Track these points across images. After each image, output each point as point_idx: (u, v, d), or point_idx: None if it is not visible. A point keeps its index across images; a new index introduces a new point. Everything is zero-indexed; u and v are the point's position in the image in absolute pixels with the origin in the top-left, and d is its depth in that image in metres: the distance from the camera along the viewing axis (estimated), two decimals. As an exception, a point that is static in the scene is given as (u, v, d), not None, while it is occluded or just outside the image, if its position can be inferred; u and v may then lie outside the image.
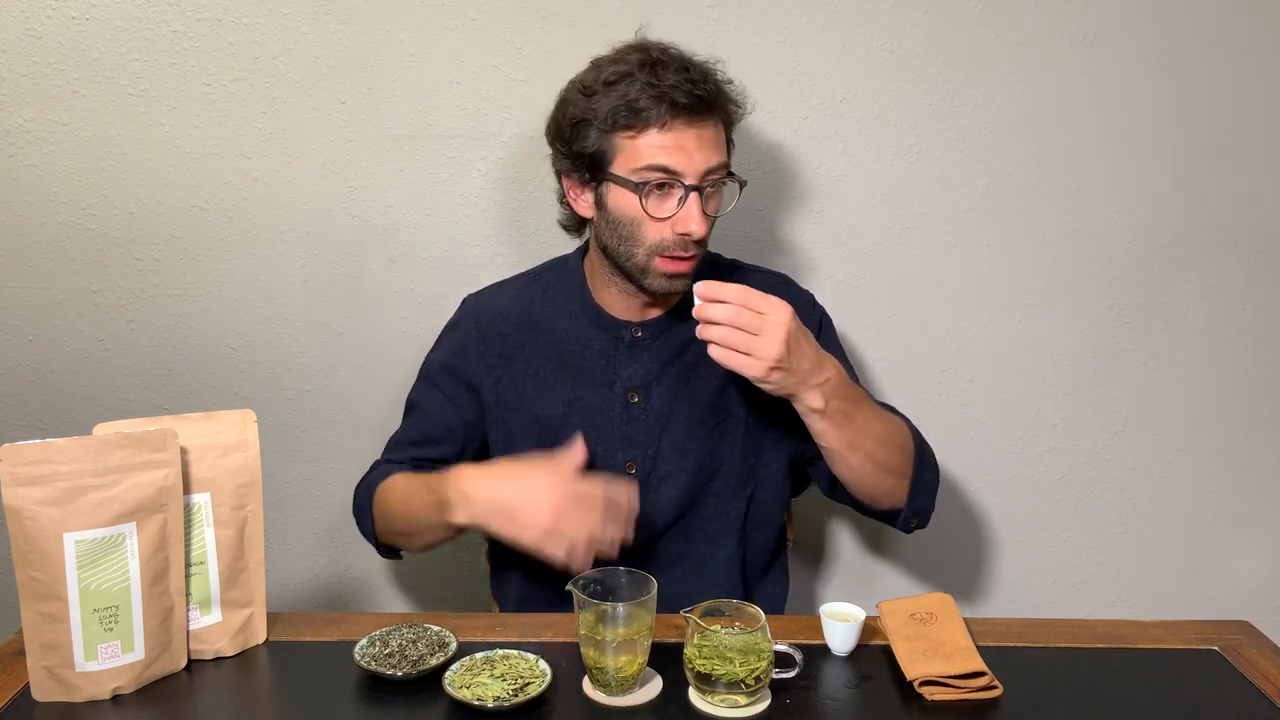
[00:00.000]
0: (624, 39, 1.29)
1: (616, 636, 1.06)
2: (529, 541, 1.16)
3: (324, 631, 1.23)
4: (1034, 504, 1.82)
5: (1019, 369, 1.76)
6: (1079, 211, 1.69)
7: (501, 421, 1.40)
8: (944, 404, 1.76)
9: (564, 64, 1.34)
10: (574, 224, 1.39)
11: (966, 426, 1.77)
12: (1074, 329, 1.74)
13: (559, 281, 1.41)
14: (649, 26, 1.36)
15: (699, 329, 1.17)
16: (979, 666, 1.11)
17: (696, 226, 1.22)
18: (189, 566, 1.15)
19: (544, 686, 1.07)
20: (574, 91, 1.28)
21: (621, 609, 1.07)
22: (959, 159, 1.66)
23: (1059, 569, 1.85)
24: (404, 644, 1.14)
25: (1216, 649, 1.21)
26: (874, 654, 1.18)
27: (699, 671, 1.06)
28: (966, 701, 1.09)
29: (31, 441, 1.05)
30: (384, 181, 1.65)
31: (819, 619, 1.19)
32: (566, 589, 1.10)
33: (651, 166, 1.22)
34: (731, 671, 1.04)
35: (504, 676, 1.09)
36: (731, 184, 1.29)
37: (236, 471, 1.18)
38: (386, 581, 1.83)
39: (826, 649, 1.18)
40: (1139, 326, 1.75)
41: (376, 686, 1.11)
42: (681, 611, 1.10)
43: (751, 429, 1.38)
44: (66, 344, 1.70)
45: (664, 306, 1.36)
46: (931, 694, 1.09)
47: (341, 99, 1.61)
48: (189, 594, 1.15)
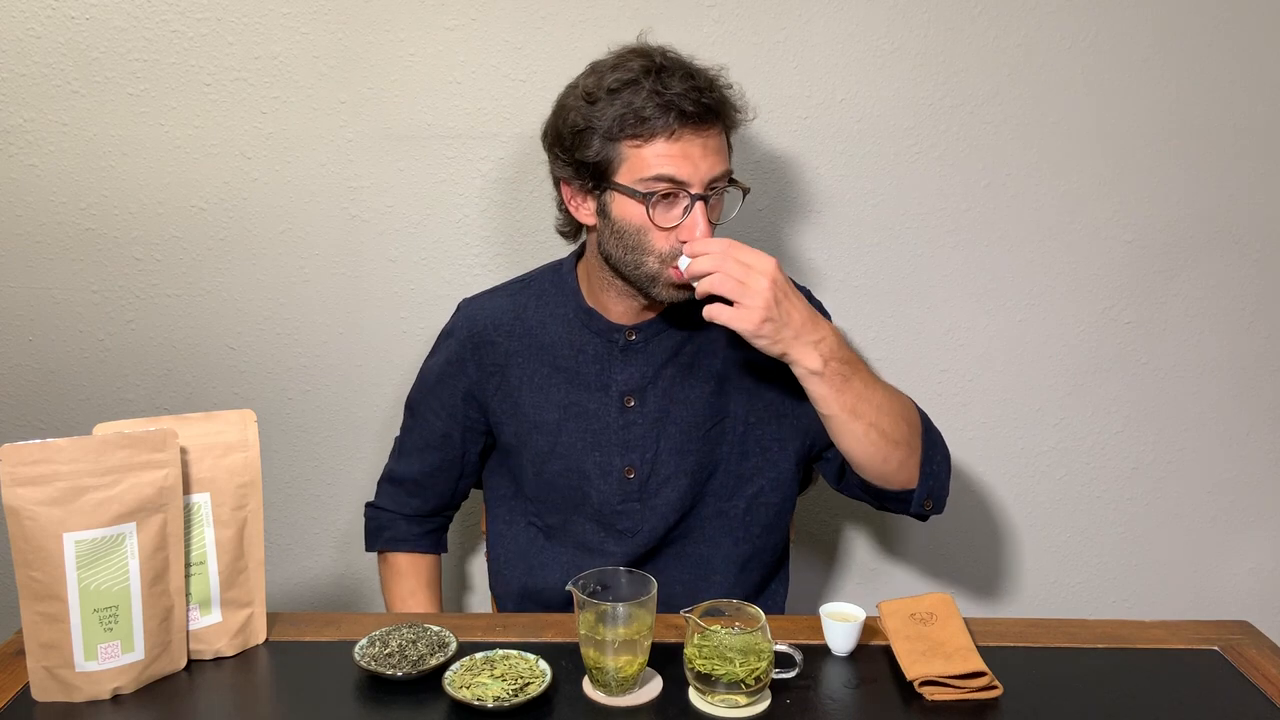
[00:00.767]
0: (624, 40, 1.28)
1: (616, 636, 1.06)
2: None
3: (324, 631, 1.23)
4: (1034, 504, 1.82)
5: (1019, 369, 1.76)
6: (1079, 211, 1.69)
7: (499, 426, 1.41)
8: (944, 404, 1.76)
9: (564, 64, 1.34)
10: (571, 230, 1.38)
11: (966, 426, 1.77)
12: (1074, 329, 1.74)
13: (553, 287, 1.41)
14: (650, 30, 1.34)
15: (695, 286, 1.19)
16: (979, 666, 1.11)
17: (701, 235, 1.21)
18: (189, 566, 1.15)
19: (544, 686, 1.07)
20: (575, 98, 1.24)
21: (621, 609, 1.07)
22: (959, 159, 1.66)
23: (1059, 569, 1.85)
24: (404, 644, 1.14)
25: (1216, 649, 1.21)
26: (874, 654, 1.18)
27: (699, 671, 1.06)
28: (966, 701, 1.09)
29: (31, 441, 1.04)
30: (384, 181, 1.65)
31: (819, 619, 1.19)
32: (566, 589, 1.10)
33: (658, 177, 1.20)
34: (731, 671, 1.04)
35: (504, 676, 1.09)
36: (734, 190, 1.28)
37: (236, 471, 1.18)
38: (386, 581, 1.83)
39: (826, 649, 1.18)
40: (1139, 326, 1.74)
41: (376, 686, 1.11)
42: (681, 611, 1.10)
43: (751, 429, 1.38)
44: (66, 344, 1.70)
45: (658, 309, 1.36)
46: (931, 694, 1.09)
47: (341, 99, 1.61)
48: (189, 594, 1.15)
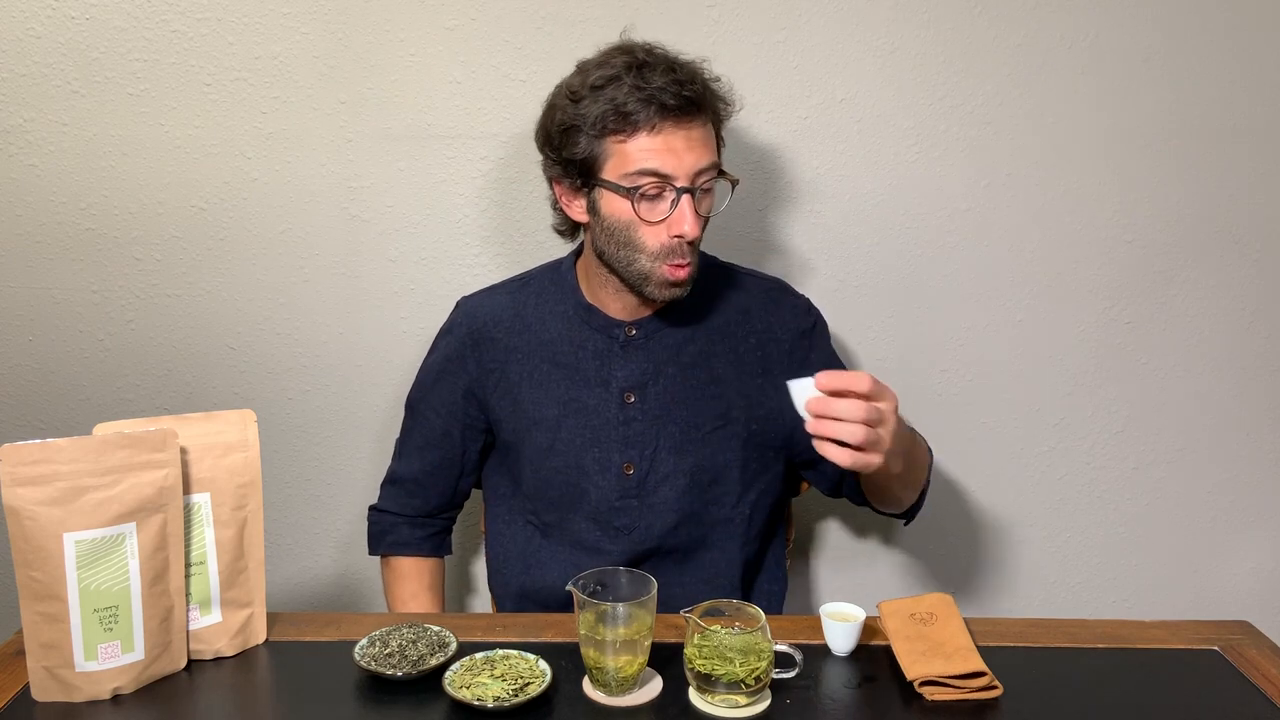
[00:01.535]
0: (624, 39, 1.29)
1: (616, 636, 1.06)
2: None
3: (324, 631, 1.23)
4: (1034, 504, 1.82)
5: (1019, 369, 1.76)
6: (1079, 211, 1.69)
7: (498, 423, 1.41)
8: (944, 404, 1.76)
9: (564, 64, 1.33)
10: (567, 228, 1.38)
11: (966, 426, 1.77)
12: (1074, 329, 1.74)
13: (552, 284, 1.41)
14: (649, 27, 1.35)
15: (810, 424, 1.09)
16: (979, 666, 1.10)
17: (689, 228, 1.22)
18: (189, 566, 1.15)
19: (544, 686, 1.07)
20: (561, 97, 1.26)
21: (621, 609, 1.07)
22: (959, 159, 1.66)
23: (1059, 569, 1.85)
24: (404, 644, 1.14)
25: (1216, 649, 1.21)
26: (874, 654, 1.18)
27: (699, 671, 1.06)
28: (966, 701, 1.09)
29: (31, 441, 1.04)
30: (384, 181, 1.65)
31: (819, 619, 1.19)
32: (566, 589, 1.10)
33: (642, 171, 1.21)
34: (731, 671, 1.04)
35: (504, 676, 1.08)
36: (723, 183, 1.28)
37: (236, 471, 1.18)
38: (386, 581, 1.83)
39: (826, 649, 1.18)
40: (1139, 326, 1.74)
41: (376, 686, 1.11)
42: (681, 611, 1.10)
43: (754, 434, 1.38)
44: (66, 344, 1.70)
45: (654, 306, 1.36)
46: (932, 694, 1.09)
47: (341, 99, 1.61)
48: (189, 594, 1.15)
